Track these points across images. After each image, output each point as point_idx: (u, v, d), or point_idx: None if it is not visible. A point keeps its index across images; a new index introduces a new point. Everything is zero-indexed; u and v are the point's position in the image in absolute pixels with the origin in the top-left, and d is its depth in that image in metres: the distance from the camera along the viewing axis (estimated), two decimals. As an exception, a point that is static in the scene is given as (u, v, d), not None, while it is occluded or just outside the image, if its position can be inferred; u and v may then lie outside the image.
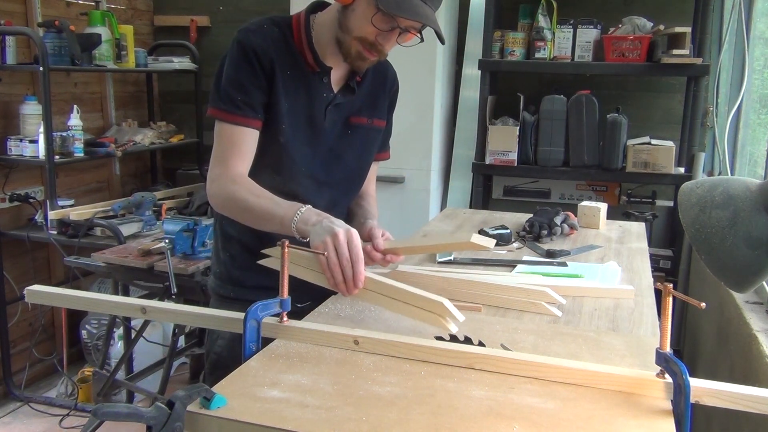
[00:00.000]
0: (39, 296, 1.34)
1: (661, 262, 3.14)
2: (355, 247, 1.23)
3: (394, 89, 1.67)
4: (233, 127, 1.43)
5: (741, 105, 2.79)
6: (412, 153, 3.36)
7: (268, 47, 1.44)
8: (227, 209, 1.47)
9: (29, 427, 3.08)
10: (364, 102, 1.58)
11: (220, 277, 1.62)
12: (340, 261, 1.23)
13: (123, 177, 3.94)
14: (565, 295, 1.48)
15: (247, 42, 1.43)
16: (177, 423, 0.89)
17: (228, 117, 1.43)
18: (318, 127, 1.52)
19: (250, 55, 1.43)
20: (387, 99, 1.65)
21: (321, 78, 1.50)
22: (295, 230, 1.32)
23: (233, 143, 1.44)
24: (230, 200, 1.43)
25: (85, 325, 3.47)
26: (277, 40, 1.46)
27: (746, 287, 1.13)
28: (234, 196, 1.41)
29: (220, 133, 1.46)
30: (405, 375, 1.05)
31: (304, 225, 1.31)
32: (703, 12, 3.04)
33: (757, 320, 1.82)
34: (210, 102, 1.47)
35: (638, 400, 0.99)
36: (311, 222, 1.30)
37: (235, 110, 1.43)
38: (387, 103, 1.65)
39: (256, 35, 1.44)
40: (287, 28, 1.49)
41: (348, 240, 1.23)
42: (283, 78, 1.46)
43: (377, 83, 1.61)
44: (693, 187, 1.16)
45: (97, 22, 3.36)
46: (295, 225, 1.31)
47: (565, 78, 3.40)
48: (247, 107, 1.43)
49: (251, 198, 1.39)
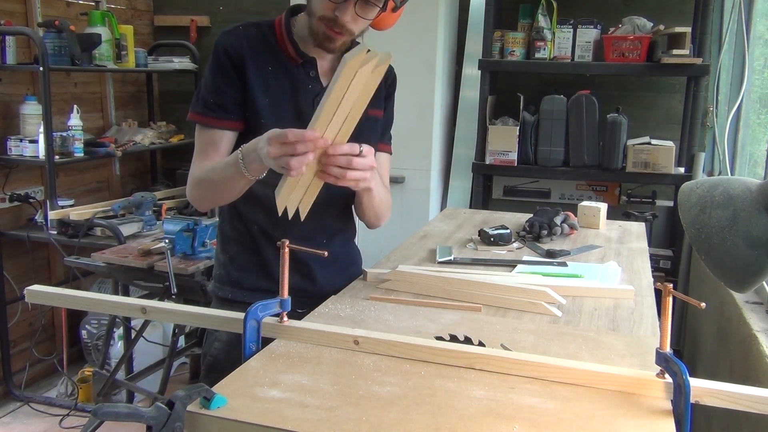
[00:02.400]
0: (39, 296, 1.34)
1: (661, 262, 3.14)
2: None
3: (391, 79, 1.66)
4: (207, 129, 1.48)
5: (741, 105, 2.79)
6: (412, 153, 3.36)
7: (241, 46, 1.47)
8: (200, 196, 1.50)
9: (29, 427, 3.08)
10: None
11: (220, 279, 1.62)
12: (287, 138, 1.19)
13: (123, 177, 3.94)
14: (565, 295, 1.48)
15: (219, 44, 1.48)
16: (177, 423, 0.89)
17: (201, 119, 1.48)
18: (305, 120, 1.51)
19: (221, 56, 1.46)
20: (383, 89, 1.63)
21: (307, 71, 1.51)
22: (243, 167, 1.32)
23: (207, 145, 1.49)
24: (195, 185, 1.48)
25: (85, 325, 3.47)
26: (253, 39, 1.49)
27: (746, 287, 1.13)
28: (196, 179, 1.47)
29: (198, 136, 1.51)
30: (405, 375, 1.05)
31: (248, 155, 1.31)
32: (703, 12, 3.04)
33: (757, 320, 1.82)
34: (190, 107, 1.51)
35: (638, 400, 0.99)
36: (250, 148, 1.30)
37: (208, 113, 1.47)
38: (382, 93, 1.63)
39: (229, 36, 1.48)
40: (268, 28, 1.53)
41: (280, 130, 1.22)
42: (261, 74, 1.47)
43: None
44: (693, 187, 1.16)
45: (97, 22, 3.36)
46: (242, 161, 1.32)
47: (565, 78, 3.40)
48: (219, 109, 1.46)
49: (206, 171, 1.44)
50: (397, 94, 1.69)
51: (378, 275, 1.60)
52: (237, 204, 1.56)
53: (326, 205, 1.55)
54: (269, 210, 1.52)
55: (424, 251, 1.87)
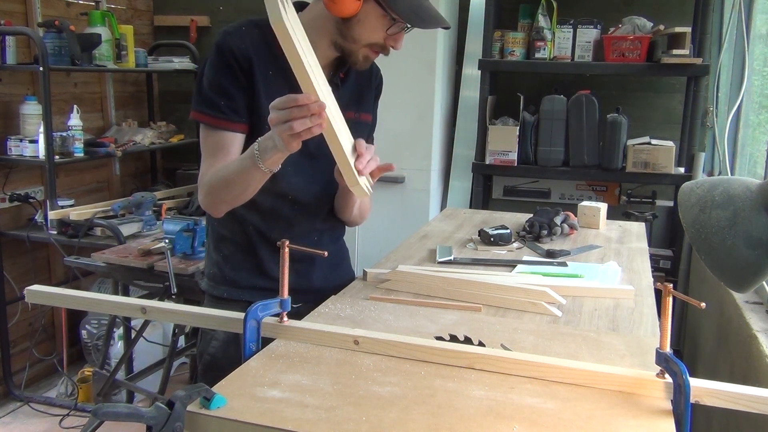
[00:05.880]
0: (39, 296, 1.34)
1: (661, 262, 3.14)
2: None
3: (378, 81, 1.66)
4: (217, 132, 1.44)
5: (741, 105, 2.79)
6: (412, 153, 3.36)
7: (247, 49, 1.44)
8: (214, 200, 1.46)
9: (29, 427, 3.08)
10: (351, 97, 1.58)
11: (213, 278, 1.61)
12: (285, 104, 1.18)
13: (123, 177, 3.94)
14: (565, 295, 1.48)
15: (225, 45, 1.44)
16: (177, 423, 0.89)
17: (214, 122, 1.44)
18: None
19: (228, 58, 1.43)
20: (372, 92, 1.64)
21: None
22: (258, 157, 1.29)
23: (217, 149, 1.45)
24: (208, 189, 1.44)
25: (85, 325, 3.47)
26: (256, 42, 1.46)
27: (746, 287, 1.13)
28: (208, 183, 1.43)
29: (206, 138, 1.46)
30: (405, 375, 1.05)
31: (263, 142, 1.29)
32: (703, 12, 3.04)
33: (757, 320, 1.82)
34: (193, 105, 1.47)
35: (638, 400, 0.99)
36: (266, 136, 1.28)
37: (220, 115, 1.43)
38: (373, 96, 1.64)
39: (234, 37, 1.45)
40: (268, 29, 1.50)
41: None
42: (264, 79, 1.46)
43: (362, 78, 1.61)
44: (693, 187, 1.16)
45: (97, 22, 3.36)
46: (258, 152, 1.29)
47: (565, 78, 3.40)
48: (231, 112, 1.43)
49: (219, 171, 1.40)
50: (397, 94, 1.70)
51: (378, 275, 1.60)
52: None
53: (319, 204, 1.58)
54: (265, 213, 1.53)
55: (424, 251, 1.87)
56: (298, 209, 1.54)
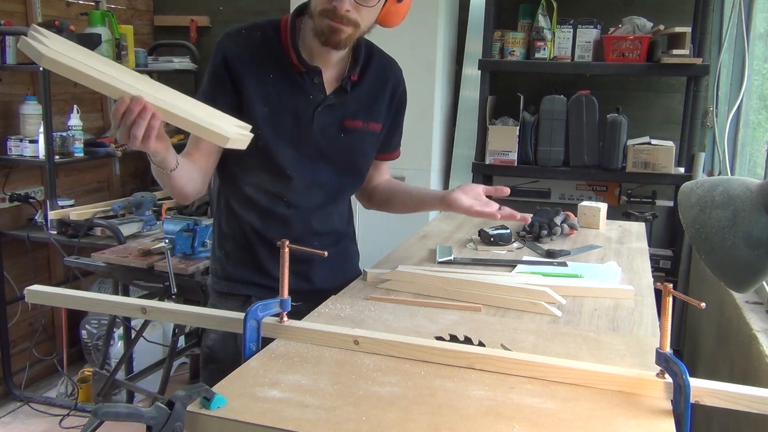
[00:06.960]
0: (39, 296, 1.34)
1: (661, 262, 3.14)
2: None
3: (400, 91, 1.64)
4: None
5: (741, 105, 2.79)
6: (412, 153, 3.34)
7: (242, 52, 1.45)
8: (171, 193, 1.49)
9: (29, 427, 3.08)
10: (361, 105, 1.56)
11: (216, 273, 1.64)
12: (116, 113, 1.19)
13: (123, 177, 3.94)
14: (565, 295, 1.48)
15: (219, 48, 1.47)
16: (177, 423, 0.89)
17: None
18: (304, 129, 1.51)
19: (219, 63, 1.46)
20: (386, 101, 1.61)
21: (311, 79, 1.49)
22: (153, 163, 1.33)
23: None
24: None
25: (85, 325, 3.47)
26: (256, 45, 1.47)
27: (746, 287, 1.13)
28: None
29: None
30: (405, 375, 1.05)
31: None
32: (703, 12, 3.04)
33: (757, 320, 1.82)
34: None
35: (638, 400, 0.99)
36: None
37: None
38: (386, 105, 1.61)
39: (231, 40, 1.47)
40: (273, 31, 1.50)
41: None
42: (261, 82, 1.46)
43: (377, 85, 1.59)
44: (693, 187, 1.16)
45: (97, 22, 3.36)
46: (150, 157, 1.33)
47: (565, 78, 3.40)
48: None
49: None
50: None
51: (378, 275, 1.60)
52: (231, 203, 1.57)
53: (321, 209, 1.59)
54: (262, 212, 1.54)
55: (424, 251, 1.87)
56: (294, 210, 1.55)
